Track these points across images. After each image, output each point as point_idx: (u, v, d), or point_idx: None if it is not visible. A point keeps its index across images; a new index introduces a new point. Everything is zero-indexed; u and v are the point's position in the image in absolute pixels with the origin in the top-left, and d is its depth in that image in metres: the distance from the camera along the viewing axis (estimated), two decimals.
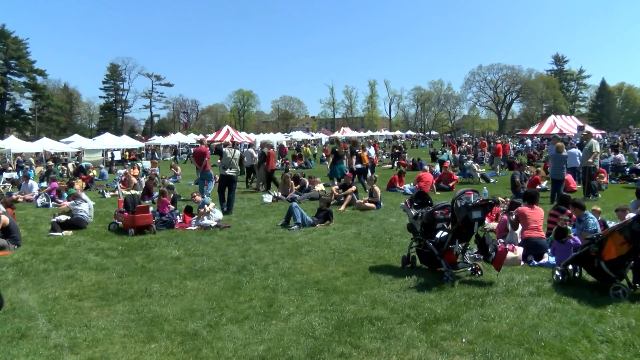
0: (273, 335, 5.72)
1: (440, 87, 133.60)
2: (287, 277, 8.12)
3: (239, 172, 16.41)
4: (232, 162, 15.28)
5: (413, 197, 9.22)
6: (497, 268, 7.78)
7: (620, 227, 6.95)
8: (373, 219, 13.47)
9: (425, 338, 5.55)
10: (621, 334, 5.59)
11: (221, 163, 15.31)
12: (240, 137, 60.96)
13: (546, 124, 56.04)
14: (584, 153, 16.88)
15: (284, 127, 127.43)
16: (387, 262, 9.00)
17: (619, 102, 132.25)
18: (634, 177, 22.76)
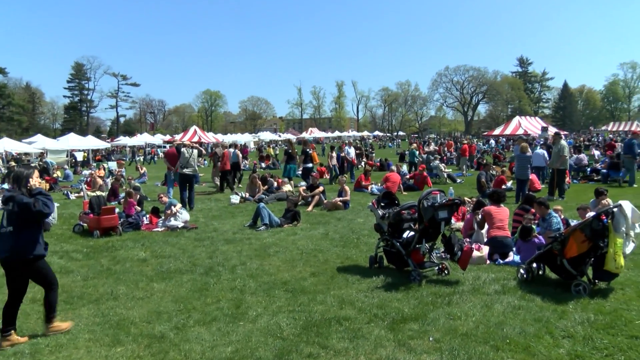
0: (241, 336, 5.70)
1: (408, 88, 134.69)
2: (254, 278, 8.10)
3: (196, 170, 16.77)
4: (190, 162, 15.78)
5: (380, 197, 9.28)
6: (463, 267, 7.87)
7: (581, 226, 7.11)
8: (341, 219, 13.50)
9: (393, 337, 5.59)
10: (581, 329, 5.73)
11: (180, 162, 15.78)
12: (207, 137, 60.62)
13: (511, 125, 56.92)
14: (554, 155, 17.13)
15: (251, 128, 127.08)
16: (354, 262, 9.03)
17: (580, 104, 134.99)
18: (595, 177, 23.28)
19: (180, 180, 15.83)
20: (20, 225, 5.69)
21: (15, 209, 5.63)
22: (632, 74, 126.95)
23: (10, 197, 5.72)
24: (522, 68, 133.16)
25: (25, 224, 5.72)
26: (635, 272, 7.93)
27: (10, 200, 5.69)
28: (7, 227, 5.69)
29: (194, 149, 16.59)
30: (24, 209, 5.60)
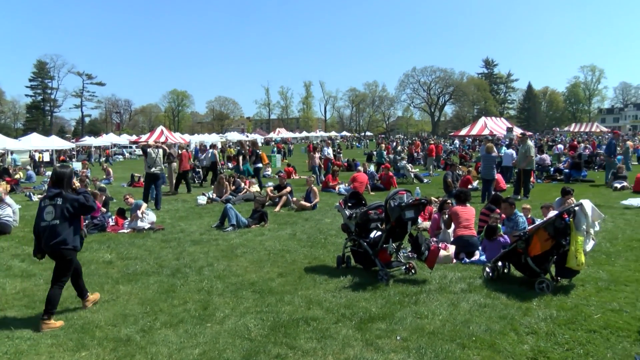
0: (208, 338, 5.67)
1: (375, 88, 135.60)
2: (222, 279, 8.06)
3: (162, 170, 17.19)
4: (156, 161, 16.17)
5: (347, 197, 9.31)
6: (430, 266, 7.95)
7: (544, 224, 7.25)
8: (308, 220, 13.52)
9: (361, 337, 5.62)
10: (544, 325, 5.85)
11: (146, 162, 16.17)
12: (174, 137, 59.92)
13: (477, 125, 57.61)
14: (521, 155, 17.41)
15: (219, 128, 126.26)
16: (322, 262, 9.06)
17: (544, 105, 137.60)
18: (558, 177, 23.75)
19: (147, 180, 16.16)
20: (65, 219, 6.35)
21: (65, 205, 6.35)
22: (592, 76, 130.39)
23: (58, 193, 6.40)
24: (488, 69, 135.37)
25: (71, 218, 6.41)
26: (594, 269, 8.13)
27: (58, 196, 6.38)
28: (53, 220, 6.32)
29: (159, 149, 16.83)
30: (76, 205, 6.41)
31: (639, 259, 8.86)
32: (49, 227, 6.33)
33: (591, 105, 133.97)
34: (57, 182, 6.52)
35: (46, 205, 6.42)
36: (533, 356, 5.09)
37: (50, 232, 6.32)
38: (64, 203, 6.36)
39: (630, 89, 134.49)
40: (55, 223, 6.32)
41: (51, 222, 6.33)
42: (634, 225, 11.89)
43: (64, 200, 6.37)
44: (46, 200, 6.49)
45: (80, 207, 6.46)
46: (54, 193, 6.44)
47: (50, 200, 6.42)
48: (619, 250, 9.49)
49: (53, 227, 6.32)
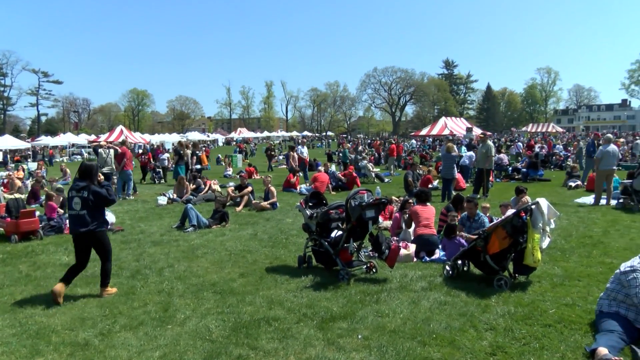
0: (169, 340, 5.60)
1: (336, 88, 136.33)
2: (182, 280, 7.98)
3: (113, 169, 17.60)
4: (107, 161, 16.84)
5: (308, 197, 9.32)
6: (390, 265, 8.01)
7: (502, 223, 7.38)
8: (269, 220, 13.49)
9: (322, 336, 5.63)
10: (502, 321, 5.96)
11: (97, 162, 15.72)
12: (134, 137, 59.19)
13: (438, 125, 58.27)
14: (481, 155, 17.67)
15: (179, 128, 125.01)
16: (283, 262, 9.06)
17: (502, 106, 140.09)
18: (516, 176, 24.23)
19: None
20: (91, 209, 7.13)
21: (90, 197, 7.12)
22: (548, 78, 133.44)
23: (85, 186, 7.17)
24: (448, 70, 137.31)
25: (96, 208, 7.21)
26: (550, 266, 8.32)
27: (85, 189, 7.15)
28: (82, 210, 7.11)
29: (110, 149, 17.76)
30: (100, 197, 7.21)
31: (591, 254, 9.11)
32: (77, 216, 7.13)
33: (547, 106, 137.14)
34: (85, 175, 7.30)
35: (74, 196, 7.19)
36: (492, 351, 5.17)
37: (79, 220, 7.12)
38: (89, 195, 7.13)
39: (583, 91, 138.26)
40: (83, 213, 7.11)
41: (80, 212, 7.12)
42: (587, 223, 12.21)
43: (89, 193, 7.14)
44: (73, 192, 7.24)
45: (102, 200, 7.24)
46: (81, 186, 7.20)
47: (77, 192, 7.18)
48: (573, 246, 9.73)
49: (82, 217, 7.11)
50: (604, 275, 7.68)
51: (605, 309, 5.67)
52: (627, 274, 5.62)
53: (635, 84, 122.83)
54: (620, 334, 5.17)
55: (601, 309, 5.72)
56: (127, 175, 18.63)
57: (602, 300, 5.82)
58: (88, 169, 7.36)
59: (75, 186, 7.25)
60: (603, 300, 5.79)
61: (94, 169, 7.42)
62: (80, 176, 7.36)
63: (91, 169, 7.39)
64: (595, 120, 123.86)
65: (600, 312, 5.72)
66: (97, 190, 7.22)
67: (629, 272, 5.62)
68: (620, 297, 5.61)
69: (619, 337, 5.13)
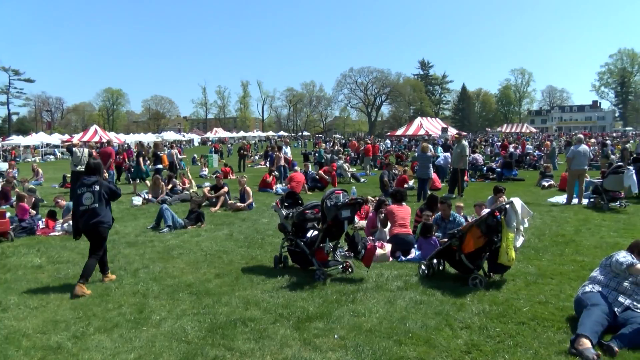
0: (144, 342, 5.55)
1: (313, 88, 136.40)
2: (158, 281, 7.92)
3: None
4: (82, 160, 16.52)
5: (284, 197, 9.31)
6: (366, 265, 8.03)
7: (477, 222, 7.45)
8: (245, 220, 13.45)
9: (299, 336, 5.63)
10: (477, 320, 6.02)
11: (72, 161, 16.65)
12: (108, 137, 58.48)
13: (413, 126, 58.67)
14: (456, 155, 17.79)
15: (155, 128, 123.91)
16: (259, 262, 9.04)
17: (477, 106, 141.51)
18: (490, 176, 24.47)
19: (73, 178, 16.32)
20: (102, 203, 7.69)
21: (101, 190, 7.70)
22: (522, 79, 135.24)
23: (96, 181, 7.75)
24: (424, 71, 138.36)
25: (106, 202, 7.80)
26: (524, 264, 8.42)
27: (96, 183, 7.72)
28: (93, 204, 7.62)
29: (84, 148, 17.62)
30: (112, 190, 7.93)
31: (563, 253, 9.25)
32: (89, 210, 7.61)
33: (521, 106, 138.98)
34: (94, 171, 7.96)
35: (84, 192, 7.67)
36: (467, 350, 5.22)
37: (90, 213, 7.60)
38: (101, 189, 7.72)
39: (555, 92, 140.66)
40: (94, 206, 7.62)
41: (91, 206, 7.62)
42: (560, 222, 12.39)
43: (101, 187, 7.72)
44: (83, 188, 7.72)
45: (111, 194, 7.92)
46: (91, 181, 7.76)
47: (88, 187, 7.69)
48: (546, 245, 9.86)
49: (93, 210, 7.61)
50: (575, 273, 7.83)
51: (587, 289, 5.87)
52: (609, 258, 5.94)
53: (604, 85, 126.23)
54: (604, 307, 5.42)
55: (582, 291, 5.91)
56: (110, 175, 19.14)
57: (583, 286, 6.00)
58: (97, 166, 8.10)
59: (86, 182, 7.78)
60: (584, 287, 5.97)
61: (101, 166, 8.29)
62: (89, 173, 7.98)
63: (99, 166, 8.19)
64: (567, 121, 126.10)
65: (580, 295, 5.89)
66: (107, 184, 7.96)
67: (610, 256, 5.95)
68: (603, 280, 5.82)
69: (603, 313, 5.36)
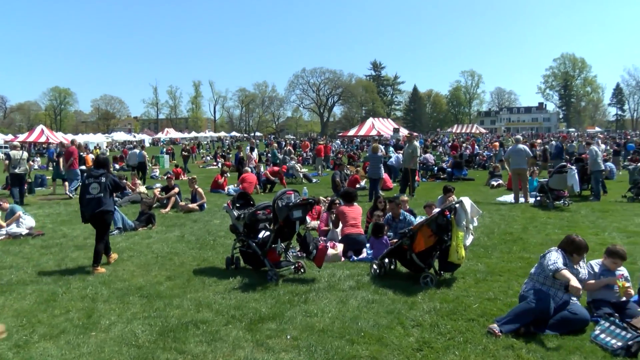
0: (93, 347, 5.42)
1: (265, 89, 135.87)
2: (107, 284, 7.74)
3: (27, 170, 18.05)
4: (20, 162, 16.92)
5: (235, 197, 9.26)
6: (318, 265, 8.05)
7: (428, 221, 7.56)
8: (197, 221, 13.32)
9: (251, 338, 5.60)
10: (429, 317, 6.12)
11: (11, 163, 16.93)
12: (56, 137, 57.03)
13: (365, 126, 59.19)
14: (407, 155, 17.98)
15: (104, 128, 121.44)
16: (211, 264, 8.96)
17: (428, 107, 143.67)
18: (441, 175, 24.86)
19: (12, 180, 16.78)
20: (107, 193, 8.66)
21: (107, 182, 8.67)
22: (472, 81, 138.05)
23: (103, 173, 8.74)
24: (376, 72, 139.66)
25: (110, 192, 8.77)
26: (474, 262, 8.59)
27: (103, 176, 8.69)
28: (99, 193, 8.57)
29: (23, 151, 18.17)
30: (116, 182, 8.99)
31: (511, 250, 9.48)
32: (95, 199, 8.56)
33: (471, 108, 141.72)
34: (101, 165, 9.09)
35: (91, 182, 8.63)
36: (418, 347, 5.29)
37: (96, 202, 8.55)
38: (107, 180, 8.68)
39: (504, 94, 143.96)
40: (100, 196, 8.57)
41: (96, 195, 8.57)
42: (508, 220, 12.68)
43: (107, 179, 8.69)
44: (90, 179, 8.71)
45: (117, 185, 9.05)
46: (99, 173, 8.74)
47: (95, 178, 8.65)
48: (495, 243, 10.08)
49: (98, 199, 8.57)
50: (523, 269, 8.02)
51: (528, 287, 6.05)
52: (543, 257, 6.01)
53: (549, 88, 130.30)
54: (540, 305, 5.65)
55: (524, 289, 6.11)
56: (75, 173, 19.35)
57: (525, 284, 6.15)
58: (105, 161, 9.32)
59: (94, 173, 8.78)
60: (526, 285, 6.12)
61: (108, 161, 9.57)
62: (97, 166, 9.17)
63: (107, 160, 9.43)
64: (515, 122, 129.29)
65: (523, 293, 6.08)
66: (113, 177, 9.01)
67: (545, 254, 6.04)
68: (540, 279, 5.95)
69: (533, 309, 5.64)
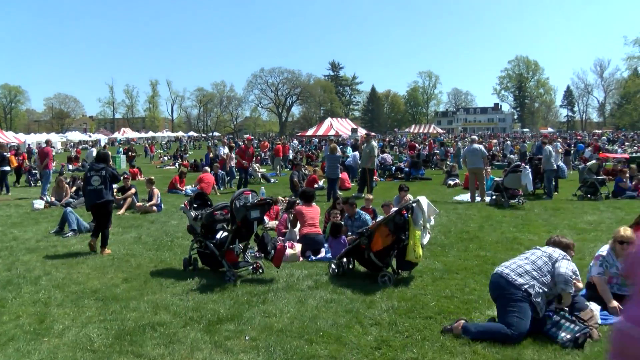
0: (45, 354, 5.26)
1: (223, 88, 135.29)
2: (61, 288, 7.55)
3: None
4: None
5: (193, 198, 9.19)
6: (276, 265, 8.04)
7: (385, 221, 7.64)
8: (154, 222, 13.15)
9: (210, 339, 5.56)
10: (387, 316, 6.17)
11: None
12: (6, 137, 55.53)
13: (324, 126, 59.47)
14: (365, 155, 18.10)
15: (58, 127, 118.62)
16: (168, 265, 8.86)
17: (386, 107, 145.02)
18: (399, 175, 25.10)
19: None
20: (106, 184, 9.73)
21: (107, 175, 9.72)
22: (429, 82, 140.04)
23: (104, 167, 9.79)
24: (334, 72, 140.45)
25: (109, 184, 9.85)
26: (431, 260, 8.69)
27: (104, 169, 9.73)
28: (99, 185, 9.64)
29: None
30: (114, 175, 10.02)
31: (468, 249, 9.63)
32: (96, 190, 9.63)
33: (428, 108, 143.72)
34: (102, 159, 10.13)
35: (93, 175, 9.71)
36: (377, 346, 5.32)
37: (97, 193, 9.63)
38: (107, 174, 9.73)
39: (460, 95, 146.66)
40: (101, 187, 9.64)
41: (98, 187, 9.63)
42: (465, 219, 12.88)
43: (107, 172, 9.74)
44: (92, 172, 9.80)
45: (115, 178, 10.09)
46: (100, 167, 9.78)
47: (97, 172, 9.70)
48: (452, 242, 10.23)
49: (99, 190, 9.65)
50: (479, 267, 8.20)
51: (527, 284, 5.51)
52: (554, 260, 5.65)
53: (504, 89, 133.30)
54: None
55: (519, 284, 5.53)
56: (48, 174, 19.43)
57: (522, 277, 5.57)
58: (105, 156, 10.39)
59: (95, 167, 9.83)
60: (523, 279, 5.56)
61: (108, 156, 10.55)
62: (98, 161, 10.15)
63: (107, 156, 10.47)
64: (472, 122, 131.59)
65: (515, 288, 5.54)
66: (112, 170, 10.00)
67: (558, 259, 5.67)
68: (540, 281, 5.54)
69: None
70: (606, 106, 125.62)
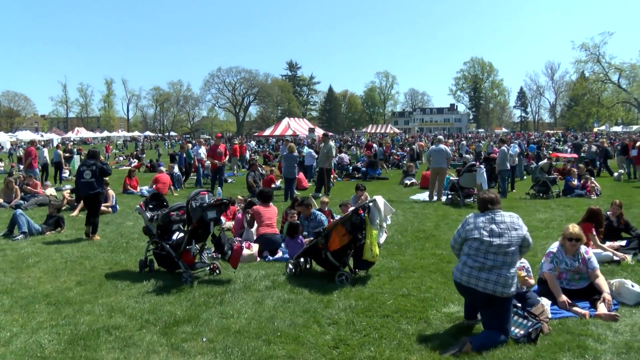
0: None
1: (180, 87, 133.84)
2: (9, 293, 7.31)
3: None
4: None
5: (148, 199, 9.08)
6: (234, 265, 8.00)
7: (342, 220, 7.68)
8: (109, 224, 12.91)
9: (166, 342, 5.49)
10: (344, 315, 6.20)
11: None
12: None
13: (281, 126, 59.39)
14: (322, 155, 18.15)
15: (7, 126, 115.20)
16: (124, 267, 8.72)
17: (344, 107, 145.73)
18: (356, 175, 25.25)
19: None
20: (96, 177, 10.89)
21: (96, 169, 10.87)
22: (386, 82, 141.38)
23: (94, 163, 10.95)
24: (291, 72, 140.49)
25: (99, 177, 11.01)
26: (388, 259, 8.78)
27: (94, 165, 10.89)
28: (91, 178, 10.79)
29: None
30: (104, 170, 11.18)
31: (424, 247, 9.75)
32: (87, 183, 10.80)
33: (385, 108, 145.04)
34: (92, 156, 11.30)
35: (84, 170, 10.85)
36: (334, 345, 5.34)
37: (88, 186, 10.83)
38: (97, 169, 10.87)
39: (417, 95, 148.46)
40: (92, 180, 10.80)
41: (89, 180, 10.78)
42: (421, 218, 13.05)
43: (97, 167, 10.89)
44: (84, 167, 10.96)
45: (105, 171, 11.27)
46: (91, 162, 10.96)
47: (88, 167, 10.85)
48: (408, 240, 10.34)
49: (91, 183, 10.82)
50: (435, 265, 8.32)
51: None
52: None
53: (460, 90, 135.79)
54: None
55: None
56: (34, 173, 20.31)
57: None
58: (95, 153, 11.56)
59: (86, 163, 11.04)
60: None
61: (97, 152, 11.71)
62: (89, 157, 11.35)
63: (96, 152, 11.63)
64: (428, 122, 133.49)
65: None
66: (102, 165, 11.16)
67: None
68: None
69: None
70: (557, 107, 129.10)
